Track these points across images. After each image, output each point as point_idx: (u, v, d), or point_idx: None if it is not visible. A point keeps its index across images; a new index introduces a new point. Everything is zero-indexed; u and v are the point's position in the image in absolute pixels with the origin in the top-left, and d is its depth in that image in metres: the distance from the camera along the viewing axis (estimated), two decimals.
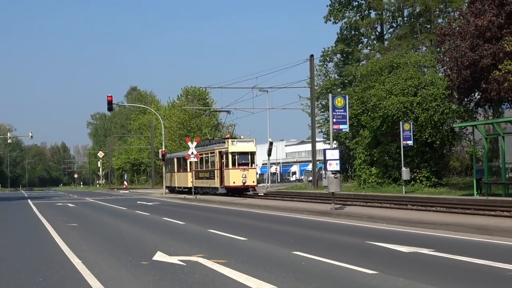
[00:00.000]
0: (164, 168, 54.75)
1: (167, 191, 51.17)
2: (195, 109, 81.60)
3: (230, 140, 38.93)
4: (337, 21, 56.51)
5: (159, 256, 11.34)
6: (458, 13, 35.07)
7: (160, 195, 48.74)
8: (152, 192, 59.21)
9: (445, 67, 34.37)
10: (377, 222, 18.33)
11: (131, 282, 8.88)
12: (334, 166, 22.03)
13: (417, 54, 42.71)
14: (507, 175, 29.71)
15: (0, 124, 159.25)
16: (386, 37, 57.29)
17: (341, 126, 23.32)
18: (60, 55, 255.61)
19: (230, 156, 38.01)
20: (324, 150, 22.39)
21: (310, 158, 61.84)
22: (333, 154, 22.10)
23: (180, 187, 48.63)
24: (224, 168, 38.90)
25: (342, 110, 22.96)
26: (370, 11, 56.65)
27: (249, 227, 17.97)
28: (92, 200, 42.59)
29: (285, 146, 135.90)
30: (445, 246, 12.23)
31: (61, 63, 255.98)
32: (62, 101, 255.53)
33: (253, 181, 38.68)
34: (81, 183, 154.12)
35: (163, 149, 52.61)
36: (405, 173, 34.74)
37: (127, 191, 68.46)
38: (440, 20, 47.28)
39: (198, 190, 42.99)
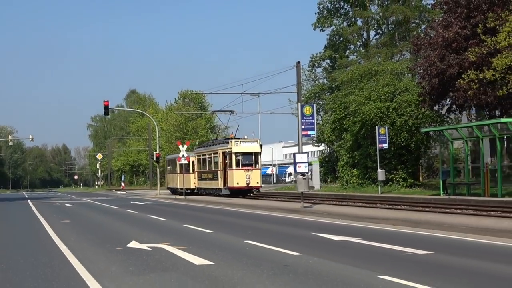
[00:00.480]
0: (165, 169, 55.14)
1: (169, 191, 52.00)
2: (194, 112, 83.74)
3: (233, 141, 38.29)
4: (324, 29, 58.85)
5: (133, 244, 13.71)
6: (432, 24, 37.47)
7: (154, 196, 51.07)
8: (148, 193, 61.59)
9: (418, 75, 36.80)
10: (334, 218, 20.71)
11: (103, 261, 11.25)
12: (303, 168, 24.32)
13: (394, 62, 45.06)
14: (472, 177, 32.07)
15: (1, 126, 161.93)
16: (372, 43, 59.62)
17: (309, 132, 25.55)
18: (61, 58, 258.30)
19: (233, 156, 37.50)
20: (294, 153, 24.69)
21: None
22: (302, 158, 24.39)
23: (182, 188, 47.99)
24: (228, 168, 38.36)
25: (310, 118, 25.21)
26: (357, 18, 58.94)
27: (221, 223, 20.33)
28: (89, 201, 44.96)
29: (283, 147, 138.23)
30: (372, 235, 14.61)
31: (62, 66, 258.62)
32: (63, 103, 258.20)
33: (257, 182, 38.22)
34: (81, 184, 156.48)
35: (157, 152, 54.87)
36: (381, 174, 37.15)
37: (124, 192, 70.86)
38: (419, 30, 49.63)
39: (201, 191, 43.68)
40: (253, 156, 38.08)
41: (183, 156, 42.34)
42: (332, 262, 10.61)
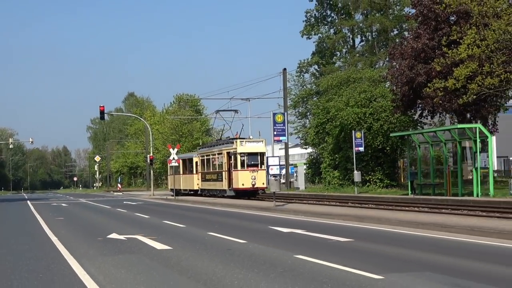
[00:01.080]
0: (168, 170, 55.41)
1: (170, 192, 52.08)
2: (186, 117, 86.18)
3: (238, 140, 37.35)
4: (310, 37, 61.46)
5: (112, 236, 16.30)
6: (407, 34, 40.08)
7: (148, 197, 53.57)
8: (143, 194, 64.15)
9: (391, 83, 39.42)
10: (298, 214, 23.28)
11: (84, 248, 13.84)
12: (275, 170, 26.92)
13: (372, 70, 47.64)
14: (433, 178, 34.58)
15: (2, 128, 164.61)
16: (358, 49, 62.22)
17: (281, 138, 28.11)
18: (62, 60, 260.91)
19: (238, 157, 36.64)
20: (267, 157, 27.29)
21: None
22: (274, 161, 26.99)
23: (186, 190, 47.99)
24: (233, 169, 37.64)
25: (282, 125, 27.75)
26: (343, 27, 61.53)
27: (196, 219, 22.90)
28: (85, 201, 47.56)
29: (279, 149, 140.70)
30: (317, 228, 17.18)
31: (63, 68, 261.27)
32: (64, 105, 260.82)
33: (263, 183, 37.17)
34: (80, 186, 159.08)
35: (151, 155, 57.42)
36: (357, 176, 39.70)
37: (121, 193, 73.47)
38: (397, 39, 52.24)
39: (205, 193, 43.22)
40: (259, 157, 37.15)
41: (173, 159, 44.91)
42: (267, 247, 13.18)
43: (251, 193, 37.50)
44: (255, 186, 36.86)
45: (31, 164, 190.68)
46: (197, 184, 44.55)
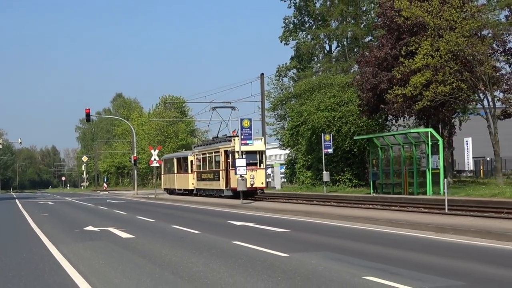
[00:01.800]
0: (161, 169, 55.09)
1: (166, 191, 51.74)
2: (169, 119, 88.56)
3: (237, 138, 35.49)
4: (288, 42, 64.15)
5: (88, 228, 18.89)
6: (369, 44, 42.85)
7: (131, 196, 56.10)
8: (127, 193, 66.67)
9: (357, 88, 42.17)
10: (259, 211, 25.92)
11: (62, 237, 16.44)
12: (242, 171, 29.51)
13: (341, 76, 50.36)
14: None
15: None
16: (334, 54, 64.90)
17: (248, 142, 30.66)
18: (52, 60, 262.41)
19: (237, 155, 34.77)
20: (235, 159, 29.89)
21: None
22: (241, 162, 29.59)
23: (180, 189, 46.91)
24: (230, 168, 36.21)
25: (248, 129, 30.30)
26: (319, 33, 64.19)
27: (167, 215, 25.47)
28: (70, 200, 50.04)
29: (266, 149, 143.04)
30: (266, 222, 19.82)
31: (52, 68, 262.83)
32: (53, 105, 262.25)
33: (262, 183, 36.41)
34: (68, 185, 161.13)
35: (135, 155, 59.86)
36: (326, 176, 42.36)
37: (107, 192, 75.96)
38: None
39: (201, 192, 42.21)
40: (258, 155, 36.23)
41: (154, 159, 47.49)
42: (214, 236, 15.81)
43: (249, 193, 35.77)
44: (254, 186, 35.56)
45: (20, 163, 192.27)
46: (192, 184, 43.69)
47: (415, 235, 14.85)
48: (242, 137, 30.07)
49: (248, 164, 34.20)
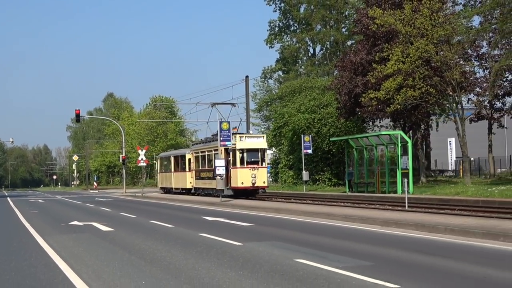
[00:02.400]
0: (157, 168, 54.29)
1: (162, 190, 50.82)
2: (157, 120, 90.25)
3: (238, 136, 35.14)
4: (272, 45, 66.10)
5: (73, 222, 20.73)
6: (346, 49, 44.82)
7: (120, 194, 57.89)
8: (116, 191, 68.47)
9: (335, 92, 44.15)
10: (235, 208, 27.80)
11: (48, 229, 18.29)
12: (221, 171, 31.38)
13: (321, 79, 52.38)
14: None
15: None
16: (318, 56, 66.89)
17: (227, 143, 32.61)
18: (44, 58, 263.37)
19: (238, 153, 34.44)
20: (236, 157, 31.94)
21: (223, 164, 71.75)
22: (220, 163, 31.46)
23: (177, 188, 46.15)
24: (231, 167, 35.18)
25: (227, 132, 32.18)
26: (304, 36, 66.19)
27: (149, 212, 27.29)
28: (60, 198, 51.81)
29: None
30: (236, 217, 21.70)
31: (44, 66, 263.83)
32: (45, 104, 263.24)
33: (264, 182, 35.44)
34: (59, 184, 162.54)
35: (123, 155, 61.58)
36: (305, 175, 44.29)
37: (96, 191, 77.76)
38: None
39: (199, 192, 41.31)
40: (259, 153, 35.29)
41: (142, 159, 49.27)
42: (186, 229, 17.68)
43: (250, 192, 35.62)
44: (255, 185, 34.74)
45: (12, 162, 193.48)
46: (190, 183, 42.85)
47: (360, 228, 16.78)
48: (221, 138, 31.94)
49: (249, 163, 34.53)
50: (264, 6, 63.99)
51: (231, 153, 35.15)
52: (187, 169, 43.55)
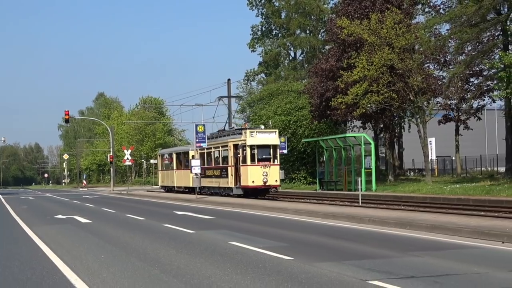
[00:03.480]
0: (158, 165, 53.02)
1: (163, 189, 48.89)
2: (145, 121, 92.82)
3: (248, 131, 33.36)
4: (254, 49, 68.89)
5: (58, 216, 23.45)
6: (318, 56, 47.61)
7: (108, 192, 60.51)
8: (105, 189, 71.14)
9: (308, 96, 46.98)
10: (207, 204, 30.54)
11: (36, 222, 21.01)
12: (197, 170, 34.13)
13: (298, 83, 55.17)
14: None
15: None
16: (299, 60, 69.67)
17: (202, 144, 35.32)
18: (38, 57, 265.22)
19: (248, 150, 32.66)
20: (191, 160, 34.56)
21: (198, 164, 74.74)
22: (196, 162, 34.22)
23: (180, 187, 43.99)
24: (241, 164, 33.36)
25: (202, 134, 34.90)
26: (285, 40, 68.98)
27: (129, 207, 30.00)
28: (50, 195, 54.45)
29: None
30: (203, 212, 24.45)
31: (37, 65, 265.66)
32: (37, 103, 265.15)
33: (276, 180, 33.46)
34: (50, 182, 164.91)
35: (111, 154, 64.23)
36: (281, 174, 47.03)
37: (86, 189, 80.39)
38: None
39: (205, 191, 39.01)
40: (271, 150, 33.52)
41: (127, 158, 52.00)
42: (155, 222, 20.40)
43: (261, 192, 33.89)
44: (267, 184, 32.84)
45: (4, 160, 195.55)
46: None
47: (302, 220, 19.62)
48: (197, 140, 34.66)
49: (261, 160, 32.66)
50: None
51: (240, 149, 33.23)
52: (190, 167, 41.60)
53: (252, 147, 32.81)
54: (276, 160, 33.77)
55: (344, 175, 40.13)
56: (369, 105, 39.07)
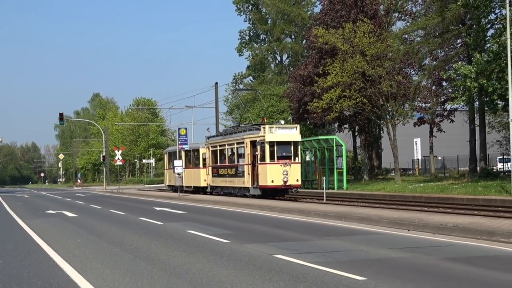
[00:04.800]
0: (164, 164, 52.25)
1: (170, 188, 46.86)
2: (136, 123, 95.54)
3: (267, 126, 31.13)
4: (241, 54, 71.75)
5: (48, 211, 26.28)
6: (297, 63, 50.51)
7: (100, 190, 63.29)
8: (98, 188, 73.91)
9: (288, 100, 49.89)
10: (187, 201, 33.33)
11: (28, 216, 23.83)
12: (179, 169, 36.96)
13: (279, 87, 58.09)
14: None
15: None
16: (285, 63, 72.51)
17: (184, 146, 38.17)
18: (35, 57, 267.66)
19: (267, 146, 30.37)
20: (173, 160, 37.43)
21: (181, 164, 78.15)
22: (178, 163, 37.05)
23: (189, 187, 41.83)
24: (259, 162, 31.13)
25: (185, 136, 37.72)
26: (272, 45, 71.83)
27: (115, 204, 32.77)
28: (44, 193, 57.26)
29: None
30: (179, 207, 27.25)
31: (34, 64, 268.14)
32: (34, 102, 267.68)
33: (297, 180, 31.41)
34: (47, 181, 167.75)
35: (103, 154, 67.00)
36: None
37: (80, 188, 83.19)
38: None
39: (217, 191, 37.42)
40: (292, 147, 31.38)
41: (118, 159, 54.81)
42: (133, 216, 23.21)
43: (281, 192, 31.92)
44: (287, 183, 30.67)
45: (1, 160, 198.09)
46: (205, 180, 39.03)
47: (260, 214, 22.51)
48: (179, 142, 37.48)
49: (280, 157, 30.58)
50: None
51: (258, 146, 31.01)
52: (201, 165, 39.77)
53: (271, 143, 30.50)
54: (297, 158, 31.72)
55: (319, 175, 42.92)
56: (343, 109, 41.88)
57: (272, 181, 30.33)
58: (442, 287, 8.57)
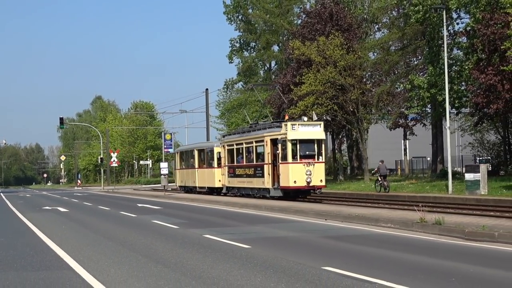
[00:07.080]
0: (175, 164, 49.41)
1: (181, 189, 44.98)
2: (135, 127, 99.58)
3: (290, 123, 29.59)
4: (232, 61, 75.74)
5: (45, 207, 30.40)
6: (277, 71, 54.49)
7: (98, 190, 67.38)
8: (96, 188, 78.06)
9: (269, 106, 53.94)
10: (171, 199, 37.36)
11: (27, 211, 27.94)
12: (165, 171, 41.05)
13: (264, 94, 62.08)
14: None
15: None
16: (274, 69, 76.41)
17: (169, 150, 42.27)
18: (38, 59, 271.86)
19: (289, 145, 28.88)
20: (160, 163, 41.55)
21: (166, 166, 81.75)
22: (164, 165, 41.16)
23: (203, 187, 40.52)
24: (280, 161, 29.65)
25: (170, 141, 41.89)
26: (262, 53, 75.71)
27: (106, 202, 36.79)
28: (45, 193, 61.45)
29: None
30: (162, 204, 31.30)
31: (38, 67, 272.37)
32: (37, 103, 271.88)
33: (321, 180, 29.54)
34: (49, 181, 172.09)
35: (101, 156, 71.08)
36: None
37: (80, 188, 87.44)
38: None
39: (234, 192, 35.83)
40: (316, 145, 29.61)
41: (114, 160, 58.95)
42: (116, 210, 27.26)
43: (304, 193, 30.55)
44: (311, 184, 29.02)
45: (5, 161, 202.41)
46: (220, 181, 37.39)
47: (223, 209, 26.59)
48: (165, 146, 41.60)
49: (303, 156, 28.95)
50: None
51: (279, 145, 29.54)
52: (215, 165, 38.15)
53: (293, 141, 28.93)
54: (321, 157, 29.90)
55: None
56: (318, 115, 45.80)
57: (295, 181, 28.83)
58: (300, 250, 12.57)
